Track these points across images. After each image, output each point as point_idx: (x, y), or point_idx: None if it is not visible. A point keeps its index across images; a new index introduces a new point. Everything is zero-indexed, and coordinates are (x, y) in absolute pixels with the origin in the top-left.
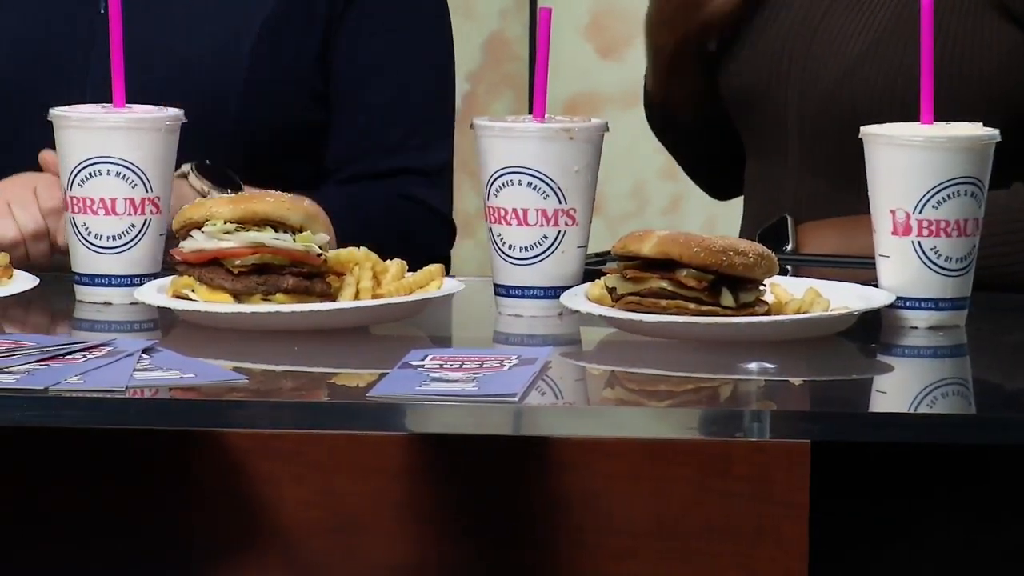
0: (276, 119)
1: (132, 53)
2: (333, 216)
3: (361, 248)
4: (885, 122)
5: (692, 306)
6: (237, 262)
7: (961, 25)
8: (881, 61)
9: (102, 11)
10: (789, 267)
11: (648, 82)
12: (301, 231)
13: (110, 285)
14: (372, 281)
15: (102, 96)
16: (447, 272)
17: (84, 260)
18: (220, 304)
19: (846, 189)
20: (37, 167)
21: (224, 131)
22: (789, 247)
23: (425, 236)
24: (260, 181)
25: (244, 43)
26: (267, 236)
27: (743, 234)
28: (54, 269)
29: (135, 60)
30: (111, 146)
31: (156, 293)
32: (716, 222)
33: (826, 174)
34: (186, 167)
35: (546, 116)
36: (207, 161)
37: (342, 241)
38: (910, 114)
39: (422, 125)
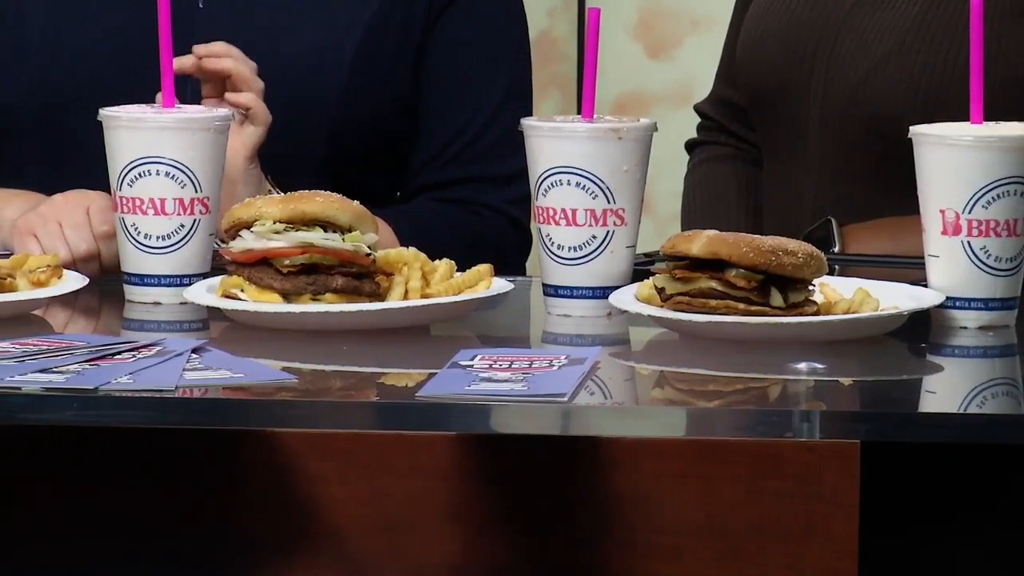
0: (368, 126)
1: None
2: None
3: (410, 248)
4: (908, 124)
5: (741, 306)
6: (286, 262)
7: (992, 29)
8: (906, 62)
9: (200, 5)
10: (836, 267)
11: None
12: (350, 231)
13: (159, 285)
14: (421, 281)
15: (196, 97)
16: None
17: (133, 260)
18: (269, 304)
19: (869, 191)
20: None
21: (318, 136)
22: (835, 249)
23: (497, 241)
24: (342, 188)
25: (347, 46)
26: (316, 236)
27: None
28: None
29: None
30: (161, 146)
31: (205, 293)
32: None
33: (848, 176)
34: (265, 183)
35: (595, 116)
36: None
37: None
38: (933, 116)
39: (503, 134)
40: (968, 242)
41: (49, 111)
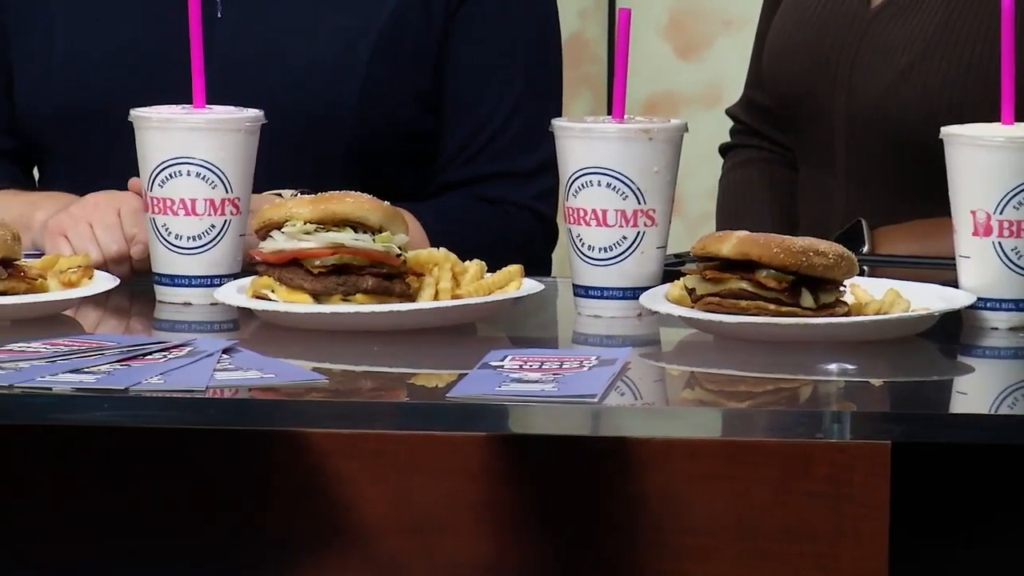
0: (389, 128)
1: (247, 60)
2: (430, 230)
3: (440, 249)
4: (931, 131)
5: (772, 307)
6: (317, 262)
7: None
8: (931, 70)
9: (219, 15)
10: (866, 268)
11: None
12: (380, 231)
13: (190, 286)
14: (451, 282)
15: (221, 101)
16: (548, 272)
17: (164, 260)
18: (300, 304)
19: (895, 197)
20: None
21: (338, 139)
22: (865, 249)
23: (523, 236)
24: (372, 187)
25: (362, 51)
26: (347, 237)
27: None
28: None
29: (250, 67)
30: (191, 147)
31: (236, 293)
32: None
33: (874, 183)
34: (285, 193)
35: (625, 117)
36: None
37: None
38: (960, 122)
39: (525, 128)
40: (999, 243)
41: (75, 125)
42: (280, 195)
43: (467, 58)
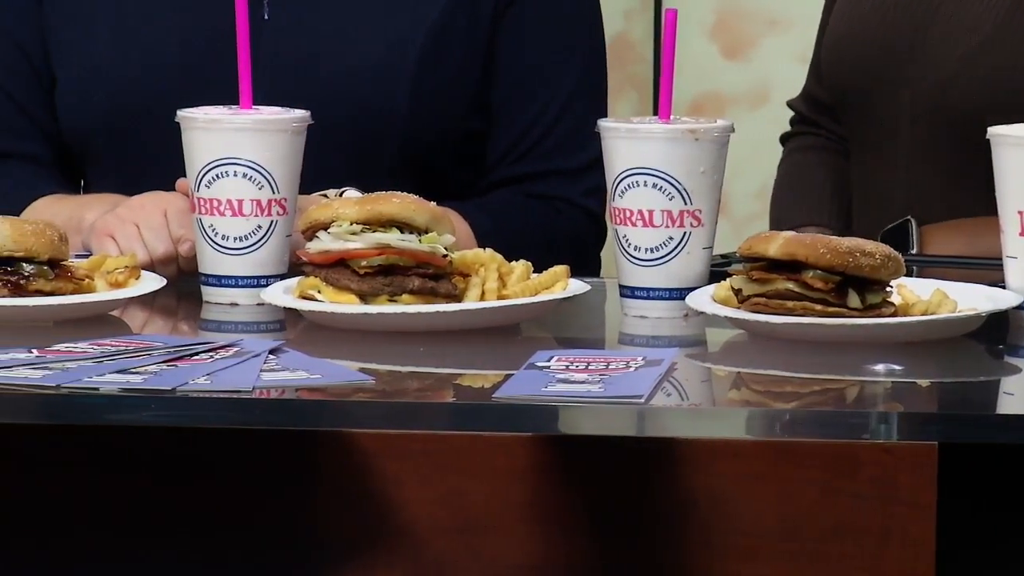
0: (439, 129)
1: (295, 62)
2: (480, 229)
3: (487, 249)
4: (1004, 114)
5: (818, 307)
6: (363, 263)
7: None
8: (1001, 51)
9: (266, 17)
10: (914, 268)
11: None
12: (427, 232)
13: (237, 286)
14: (497, 282)
15: (269, 103)
16: (598, 269)
17: (211, 261)
18: (346, 305)
19: (961, 184)
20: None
21: (389, 141)
22: (913, 251)
23: (574, 234)
24: (423, 188)
25: (411, 52)
26: (393, 237)
27: (857, 234)
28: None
29: (298, 69)
30: (238, 147)
31: (282, 294)
32: None
33: (939, 169)
34: (330, 193)
35: (671, 117)
36: (347, 189)
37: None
38: (1018, 113)
39: (574, 126)
40: None
41: (122, 128)
42: (326, 195)
43: (517, 58)
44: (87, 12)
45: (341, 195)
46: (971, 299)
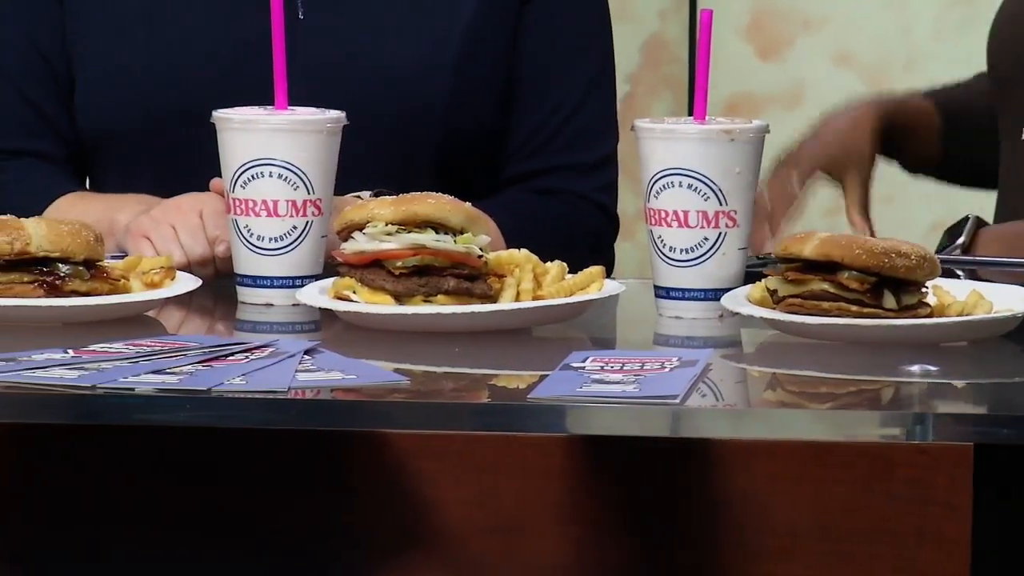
0: (474, 128)
1: (330, 63)
2: (503, 228)
3: (522, 250)
4: None
5: (854, 308)
6: (398, 264)
7: None
8: None
9: (301, 16)
10: (960, 272)
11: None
12: (462, 233)
13: (272, 287)
14: (533, 283)
15: (304, 104)
16: (612, 267)
17: (246, 262)
18: (381, 306)
19: None
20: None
21: (426, 141)
22: (960, 240)
23: (590, 228)
24: (449, 191)
25: (448, 51)
26: (428, 238)
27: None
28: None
29: (333, 70)
30: (273, 148)
31: (318, 294)
32: (877, 224)
33: None
34: (364, 194)
35: (707, 118)
36: (380, 190)
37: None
38: None
39: (590, 121)
40: None
41: (149, 133)
42: (359, 197)
43: (533, 54)
44: (113, 14)
45: (376, 196)
46: (1007, 300)
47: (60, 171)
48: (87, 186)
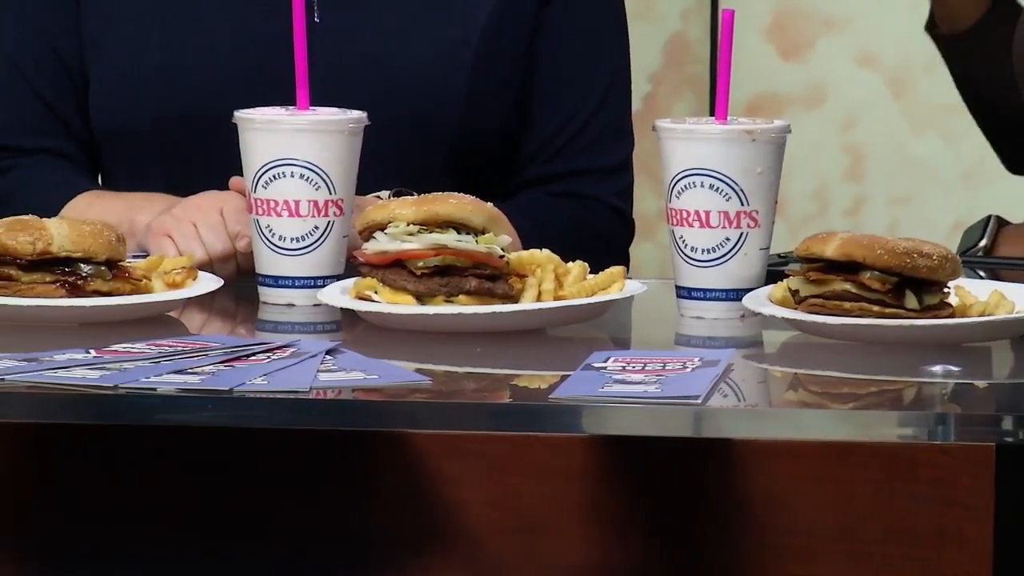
0: (491, 130)
1: (347, 65)
2: (521, 230)
3: (543, 250)
4: None
5: (876, 308)
6: (420, 264)
7: None
8: None
9: (316, 19)
10: (983, 272)
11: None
12: (483, 233)
13: (293, 287)
14: (554, 283)
15: (323, 105)
16: (628, 270)
17: (267, 262)
18: (403, 306)
19: None
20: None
21: (444, 142)
22: (983, 243)
23: (605, 233)
24: (464, 192)
25: (465, 53)
26: (450, 238)
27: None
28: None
29: (351, 72)
30: (295, 148)
31: (339, 294)
32: (899, 224)
33: None
34: (384, 194)
35: (728, 118)
36: (399, 190)
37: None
38: None
39: (607, 124)
40: None
41: (166, 133)
42: (379, 197)
43: (552, 56)
44: (128, 14)
45: (396, 196)
46: None
47: (74, 169)
48: (99, 184)
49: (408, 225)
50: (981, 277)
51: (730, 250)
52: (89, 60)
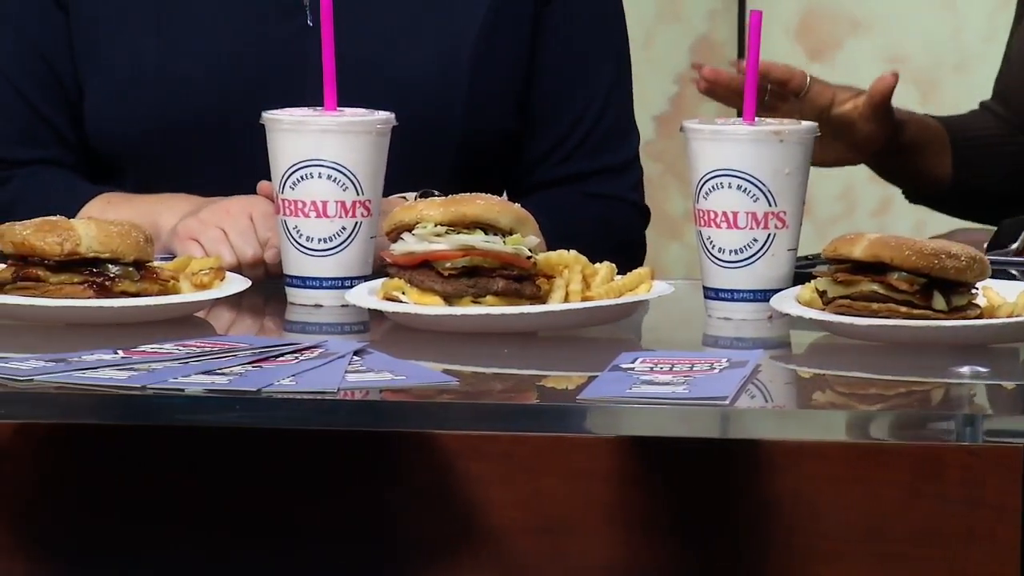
0: (492, 131)
1: (346, 69)
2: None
3: (571, 251)
4: None
5: (904, 309)
6: (447, 264)
7: None
8: None
9: (309, 23)
10: (1015, 271)
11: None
12: (511, 234)
13: (321, 287)
14: (581, 284)
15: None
16: (644, 257)
17: (295, 262)
18: (430, 306)
19: None
20: (247, 182)
21: (446, 145)
22: (1015, 246)
23: (629, 228)
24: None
25: (463, 55)
26: (477, 239)
27: None
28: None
29: (352, 78)
30: (323, 149)
31: (367, 295)
32: (925, 225)
33: None
34: (410, 195)
35: (756, 119)
36: (426, 191)
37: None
38: None
39: (615, 121)
40: None
41: (165, 140)
42: (405, 197)
43: (556, 56)
44: (122, 23)
45: (422, 196)
46: None
47: (76, 176)
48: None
49: (436, 226)
50: (1014, 277)
51: (758, 251)
52: (83, 70)
